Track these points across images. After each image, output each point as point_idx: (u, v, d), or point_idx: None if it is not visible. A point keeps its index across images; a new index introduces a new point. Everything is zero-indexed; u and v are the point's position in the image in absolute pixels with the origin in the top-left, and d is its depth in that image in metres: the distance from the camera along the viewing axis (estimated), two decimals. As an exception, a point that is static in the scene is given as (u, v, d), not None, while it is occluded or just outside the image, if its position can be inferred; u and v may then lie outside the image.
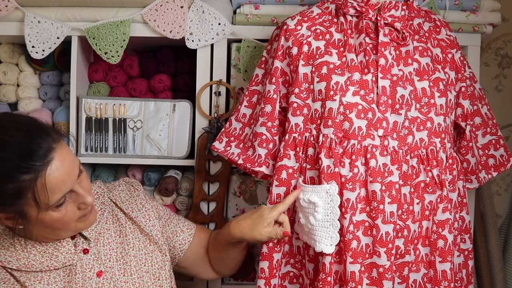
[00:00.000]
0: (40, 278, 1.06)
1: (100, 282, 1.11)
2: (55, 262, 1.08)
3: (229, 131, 1.39)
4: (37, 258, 1.07)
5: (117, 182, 1.30)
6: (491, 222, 1.76)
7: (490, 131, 1.39)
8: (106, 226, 1.19)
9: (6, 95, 1.73)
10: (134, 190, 1.28)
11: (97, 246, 1.15)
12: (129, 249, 1.18)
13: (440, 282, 1.22)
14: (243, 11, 1.57)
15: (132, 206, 1.23)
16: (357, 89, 1.21)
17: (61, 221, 1.03)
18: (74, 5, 1.54)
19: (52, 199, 0.98)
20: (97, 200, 1.20)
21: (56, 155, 0.99)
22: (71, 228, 1.07)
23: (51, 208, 1.00)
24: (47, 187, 0.97)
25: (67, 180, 1.00)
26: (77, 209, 1.05)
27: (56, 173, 0.98)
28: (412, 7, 1.30)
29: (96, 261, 1.12)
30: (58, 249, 1.09)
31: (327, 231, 1.17)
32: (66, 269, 1.09)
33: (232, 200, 1.65)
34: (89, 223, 1.10)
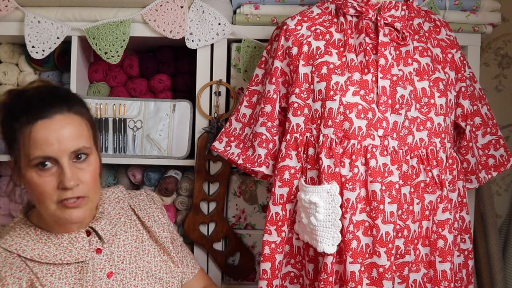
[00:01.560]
0: (52, 272, 1.06)
1: (109, 283, 1.10)
2: (69, 256, 1.07)
3: (229, 131, 1.39)
4: (51, 250, 1.07)
5: (139, 191, 1.30)
6: (491, 222, 1.75)
7: (490, 131, 1.39)
8: (124, 229, 1.18)
9: (6, 95, 1.73)
10: (153, 203, 1.28)
11: (110, 247, 1.14)
12: (144, 255, 1.18)
13: (440, 282, 1.22)
14: (243, 11, 1.57)
15: (148, 216, 1.23)
16: (357, 89, 1.21)
17: (38, 189, 1.02)
18: (74, 5, 1.54)
19: (33, 152, 1.00)
20: (116, 204, 1.21)
21: (56, 118, 1.02)
22: (51, 210, 1.03)
23: (32, 164, 1.01)
24: (32, 138, 1.00)
25: (53, 143, 1.00)
26: (56, 186, 1.02)
27: (46, 130, 1.00)
28: (412, 7, 1.30)
29: (108, 262, 1.12)
30: (73, 244, 1.09)
31: (329, 231, 1.17)
32: (78, 266, 1.08)
33: (232, 200, 1.65)
34: (69, 216, 1.03)
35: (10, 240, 1.08)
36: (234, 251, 1.64)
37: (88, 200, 1.06)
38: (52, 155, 1.01)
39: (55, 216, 1.04)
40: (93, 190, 1.07)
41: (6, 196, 1.76)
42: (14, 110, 1.04)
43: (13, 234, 1.09)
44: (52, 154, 1.01)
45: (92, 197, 1.07)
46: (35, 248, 1.07)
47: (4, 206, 1.75)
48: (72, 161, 1.03)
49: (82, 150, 1.04)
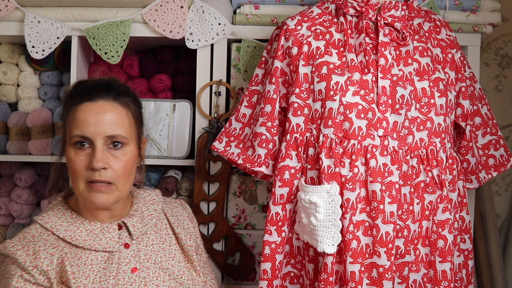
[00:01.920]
0: (79, 256, 1.10)
1: (132, 278, 1.12)
2: (97, 244, 1.11)
3: (229, 131, 1.39)
4: (82, 235, 1.11)
5: (174, 199, 1.34)
6: (491, 222, 1.75)
7: (490, 131, 1.39)
8: (154, 229, 1.21)
9: (6, 95, 1.73)
10: (185, 212, 1.31)
11: (139, 244, 1.17)
12: (169, 258, 1.20)
13: (440, 282, 1.22)
14: (243, 11, 1.57)
15: (178, 223, 1.26)
16: (357, 89, 1.21)
17: (72, 165, 1.09)
18: (74, 5, 1.54)
19: (73, 130, 1.08)
20: (151, 205, 1.24)
21: (99, 102, 1.10)
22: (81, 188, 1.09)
23: (71, 142, 1.09)
24: (74, 117, 1.09)
25: (91, 124, 1.07)
26: (87, 165, 1.08)
27: (88, 111, 1.08)
28: (412, 7, 1.30)
29: (134, 257, 1.14)
30: (103, 233, 1.13)
31: (329, 231, 1.17)
32: (104, 255, 1.11)
33: (232, 200, 1.65)
34: (92, 199, 1.08)
35: (47, 218, 1.13)
36: (234, 251, 1.64)
37: (115, 188, 1.10)
38: (88, 136, 1.07)
39: (83, 196, 1.10)
40: (122, 180, 1.11)
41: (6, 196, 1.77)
42: (71, 94, 1.14)
43: (51, 213, 1.14)
44: (89, 135, 1.07)
45: (120, 187, 1.11)
46: (68, 229, 1.11)
47: (4, 206, 1.76)
48: (108, 147, 1.09)
49: (117, 138, 1.09)
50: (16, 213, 1.75)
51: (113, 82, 1.16)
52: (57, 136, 1.66)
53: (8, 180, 1.76)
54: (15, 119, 1.70)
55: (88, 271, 1.09)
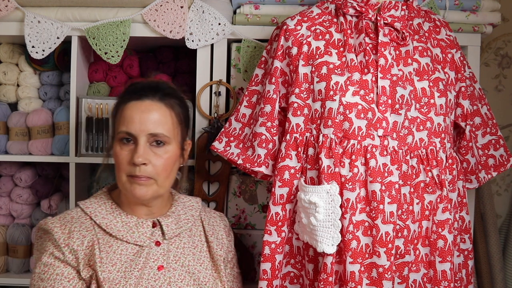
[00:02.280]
0: (111, 244, 1.15)
1: (157, 275, 1.16)
2: (130, 236, 1.16)
3: (228, 131, 1.39)
4: (118, 225, 1.17)
5: (215, 211, 1.38)
6: (491, 222, 1.75)
7: (490, 131, 1.39)
8: (188, 234, 1.25)
9: (6, 95, 1.73)
10: (222, 224, 1.34)
11: (170, 245, 1.21)
12: (197, 264, 1.22)
13: (440, 282, 1.22)
14: (243, 11, 1.57)
15: (213, 232, 1.29)
16: (357, 89, 1.21)
17: (117, 159, 1.16)
18: (74, 5, 1.54)
19: (120, 127, 1.16)
20: (189, 210, 1.29)
21: (145, 102, 1.16)
22: (123, 180, 1.15)
23: (117, 137, 1.16)
24: (122, 113, 1.16)
25: (136, 122, 1.14)
26: (129, 160, 1.14)
27: (133, 110, 1.15)
28: (412, 7, 1.30)
29: (163, 256, 1.18)
30: (137, 227, 1.18)
31: (329, 231, 1.17)
32: (134, 248, 1.16)
33: (232, 200, 1.65)
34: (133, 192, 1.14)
35: (89, 203, 1.20)
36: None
37: (155, 183, 1.16)
38: (132, 132, 1.14)
39: (125, 188, 1.16)
40: (162, 176, 1.17)
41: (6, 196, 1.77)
42: (122, 94, 1.22)
43: (93, 201, 1.22)
44: (133, 131, 1.14)
45: (160, 183, 1.17)
46: (106, 217, 1.18)
47: (4, 206, 1.76)
48: (150, 144, 1.15)
49: (159, 137, 1.15)
50: (16, 213, 1.75)
51: (162, 84, 1.22)
52: (57, 136, 1.66)
53: (8, 180, 1.76)
54: (15, 119, 1.70)
55: (115, 260, 1.13)
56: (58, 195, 1.76)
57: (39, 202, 1.76)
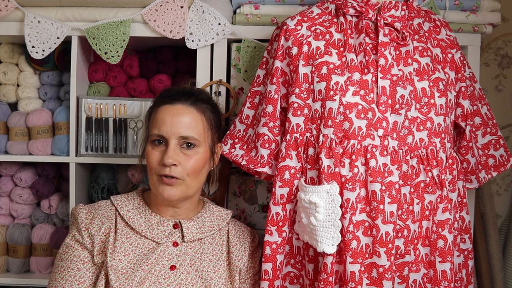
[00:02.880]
0: (130, 236, 1.20)
1: (167, 274, 1.18)
2: (149, 232, 1.21)
3: (233, 133, 1.40)
4: (141, 220, 1.23)
5: (246, 226, 1.39)
6: (491, 222, 1.75)
7: (490, 131, 1.39)
8: (209, 240, 1.27)
9: (6, 95, 1.73)
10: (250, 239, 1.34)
11: (188, 248, 1.23)
12: (211, 271, 1.23)
13: (440, 282, 1.22)
14: (243, 11, 1.57)
15: (236, 243, 1.30)
16: (357, 89, 1.21)
17: (148, 159, 1.22)
18: (74, 5, 1.54)
19: (153, 129, 1.22)
20: (216, 220, 1.31)
21: (177, 106, 1.22)
22: (154, 180, 1.21)
23: (150, 139, 1.22)
24: (155, 116, 1.23)
25: (168, 125, 1.19)
26: (160, 161, 1.19)
27: (166, 114, 1.21)
28: (412, 7, 1.30)
29: (178, 257, 1.21)
30: (158, 225, 1.23)
31: (329, 231, 1.17)
32: (151, 244, 1.20)
33: (232, 200, 1.65)
34: (162, 192, 1.19)
35: (119, 197, 1.28)
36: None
37: (183, 183, 1.21)
38: (164, 135, 1.19)
39: (155, 187, 1.21)
40: (191, 177, 1.22)
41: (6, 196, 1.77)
42: (157, 99, 1.28)
43: (124, 195, 1.29)
44: (164, 134, 1.19)
45: (189, 184, 1.22)
46: (131, 211, 1.24)
47: (4, 206, 1.76)
48: (181, 146, 1.20)
49: (189, 139, 1.20)
50: (16, 213, 1.75)
51: (195, 90, 1.29)
52: (57, 136, 1.66)
53: (8, 180, 1.76)
54: (15, 119, 1.70)
55: (129, 251, 1.18)
56: (58, 195, 1.76)
57: (39, 202, 1.76)
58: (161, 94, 1.28)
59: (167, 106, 1.22)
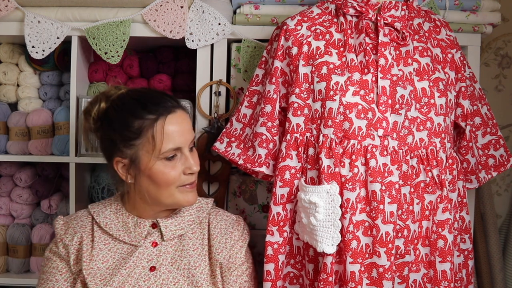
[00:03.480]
0: (108, 242, 1.19)
1: (147, 275, 1.16)
2: (127, 236, 1.19)
3: (230, 132, 1.39)
4: (118, 225, 1.20)
5: (230, 214, 1.32)
6: (491, 222, 1.75)
7: (490, 131, 1.39)
8: (189, 236, 1.23)
9: (6, 95, 1.73)
10: (234, 230, 1.26)
11: (169, 246, 1.20)
12: (193, 268, 1.20)
13: (440, 282, 1.22)
14: (243, 11, 1.57)
15: (217, 235, 1.24)
16: (357, 89, 1.21)
17: (165, 177, 1.13)
18: (74, 5, 1.54)
19: (165, 145, 1.11)
20: (196, 212, 1.27)
21: (178, 113, 1.16)
22: (171, 193, 1.15)
23: (161, 156, 1.12)
24: (165, 131, 1.12)
25: (181, 135, 1.14)
26: (182, 173, 1.15)
27: (175, 124, 1.13)
28: (412, 7, 1.30)
29: (157, 257, 1.18)
30: (135, 227, 1.19)
31: (329, 231, 1.17)
32: (129, 248, 1.18)
33: (232, 200, 1.65)
34: (187, 199, 1.17)
35: (96, 205, 1.25)
36: (234, 251, 1.64)
37: (195, 184, 1.20)
38: (180, 146, 1.14)
39: (175, 199, 1.16)
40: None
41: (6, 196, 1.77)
42: (134, 110, 1.13)
43: (101, 202, 1.26)
44: (180, 145, 1.14)
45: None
46: (108, 217, 1.21)
47: (4, 206, 1.76)
48: (189, 151, 1.17)
49: (193, 141, 1.19)
50: (16, 213, 1.75)
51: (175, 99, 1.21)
52: (57, 136, 1.66)
53: (8, 180, 1.76)
54: (15, 119, 1.70)
55: (108, 257, 1.16)
56: (58, 195, 1.76)
57: (39, 202, 1.76)
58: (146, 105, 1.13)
59: (171, 116, 1.14)
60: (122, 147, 1.13)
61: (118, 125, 1.13)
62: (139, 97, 1.16)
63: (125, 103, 1.15)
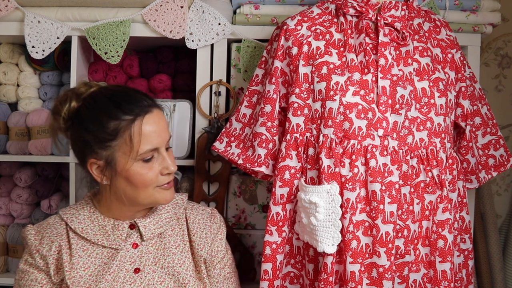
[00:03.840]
0: (86, 248, 1.14)
1: (133, 278, 1.13)
2: (106, 240, 1.14)
3: (229, 131, 1.39)
4: (94, 229, 1.15)
5: (205, 207, 1.31)
6: (491, 222, 1.76)
7: (490, 131, 1.39)
8: (169, 233, 1.21)
9: (6, 95, 1.73)
10: (211, 222, 1.26)
11: (149, 246, 1.18)
12: (177, 265, 1.19)
13: (440, 282, 1.22)
14: (243, 11, 1.57)
15: (196, 230, 1.23)
16: (357, 89, 1.21)
17: (143, 178, 1.10)
18: (74, 5, 1.54)
19: (142, 147, 1.08)
20: (172, 208, 1.24)
21: (154, 112, 1.12)
22: (149, 193, 1.12)
23: (139, 158, 1.09)
24: (142, 132, 1.08)
25: (158, 135, 1.11)
26: (159, 173, 1.12)
27: (152, 124, 1.10)
28: (412, 7, 1.30)
29: (140, 258, 1.15)
30: (113, 230, 1.15)
31: (329, 231, 1.17)
32: (110, 252, 1.14)
33: (232, 200, 1.65)
34: (165, 198, 1.14)
35: (67, 210, 1.18)
36: (234, 251, 1.63)
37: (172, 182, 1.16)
38: (157, 146, 1.11)
39: (153, 199, 1.13)
40: None
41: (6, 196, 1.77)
42: (109, 111, 1.09)
43: (73, 207, 1.20)
44: (157, 145, 1.11)
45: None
46: (82, 222, 1.15)
47: (4, 206, 1.76)
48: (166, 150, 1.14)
49: (169, 141, 1.16)
50: (16, 213, 1.75)
51: (150, 97, 1.17)
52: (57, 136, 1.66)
53: (8, 180, 1.76)
54: (15, 119, 1.70)
55: (89, 263, 1.12)
56: (58, 195, 1.76)
57: (39, 202, 1.76)
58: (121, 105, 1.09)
59: (148, 116, 1.10)
60: (97, 149, 1.09)
61: (91, 125, 1.09)
62: (113, 96, 1.11)
63: (97, 102, 1.10)
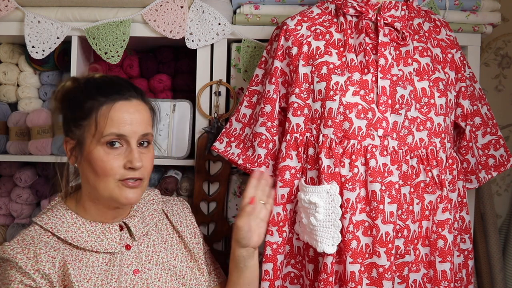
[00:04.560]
0: (80, 258, 1.07)
1: (134, 280, 1.11)
2: (99, 245, 1.09)
3: (229, 132, 1.39)
4: (83, 236, 1.09)
5: (172, 197, 1.32)
6: (491, 222, 1.75)
7: (490, 131, 1.39)
8: (155, 230, 1.20)
9: (6, 95, 1.73)
10: (186, 208, 1.29)
11: (140, 245, 1.16)
12: (171, 258, 1.19)
13: (440, 282, 1.22)
14: (243, 11, 1.57)
15: (181, 221, 1.25)
16: (357, 89, 1.21)
17: (104, 165, 1.06)
18: (74, 5, 1.54)
19: (107, 128, 1.05)
20: (151, 205, 1.23)
21: (133, 101, 1.10)
22: (109, 186, 1.07)
23: (102, 141, 1.06)
24: (109, 115, 1.06)
25: (129, 124, 1.07)
26: (123, 166, 1.07)
27: (123, 111, 1.07)
28: (412, 7, 1.30)
29: (136, 259, 1.13)
30: (105, 234, 1.11)
31: (329, 231, 1.17)
32: (105, 257, 1.10)
33: (232, 200, 1.65)
34: (125, 196, 1.08)
35: (46, 219, 1.10)
36: (234, 251, 1.64)
37: (143, 183, 1.11)
38: (125, 134, 1.06)
39: (113, 194, 1.07)
40: (148, 177, 1.12)
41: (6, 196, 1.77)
42: (89, 91, 1.09)
43: (50, 214, 1.11)
44: (125, 133, 1.07)
45: (146, 183, 1.12)
46: (69, 230, 1.09)
47: (4, 206, 1.76)
48: (138, 145, 1.09)
49: (147, 137, 1.11)
50: (16, 213, 1.75)
51: (131, 82, 1.17)
52: (57, 136, 1.66)
53: (8, 180, 1.76)
54: (15, 119, 1.70)
55: (89, 274, 1.06)
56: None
57: (39, 202, 1.76)
58: (96, 88, 1.10)
59: (123, 102, 1.08)
60: (72, 127, 1.10)
61: (73, 103, 1.10)
62: (102, 81, 1.12)
63: (86, 83, 1.12)
